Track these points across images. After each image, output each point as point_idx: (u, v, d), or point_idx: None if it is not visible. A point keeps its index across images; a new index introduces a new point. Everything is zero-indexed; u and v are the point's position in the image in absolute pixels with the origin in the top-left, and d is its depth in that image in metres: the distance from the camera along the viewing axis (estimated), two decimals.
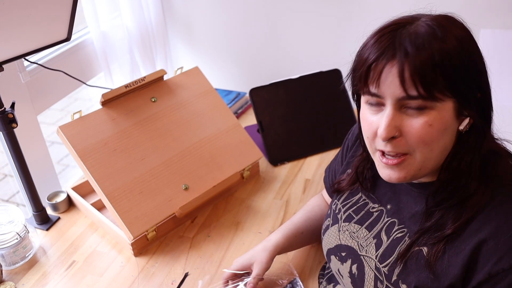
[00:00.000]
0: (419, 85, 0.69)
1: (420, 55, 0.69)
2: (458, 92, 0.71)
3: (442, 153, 0.76)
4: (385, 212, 0.88)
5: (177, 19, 2.05)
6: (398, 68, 0.70)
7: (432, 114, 0.72)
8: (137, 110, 1.36)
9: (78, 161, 1.24)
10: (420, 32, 0.70)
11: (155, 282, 1.16)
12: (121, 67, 1.82)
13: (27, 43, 1.17)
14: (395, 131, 0.73)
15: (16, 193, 2.61)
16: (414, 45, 0.69)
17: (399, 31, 0.72)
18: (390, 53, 0.71)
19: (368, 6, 1.74)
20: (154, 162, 1.31)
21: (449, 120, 0.73)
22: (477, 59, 0.74)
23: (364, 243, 0.88)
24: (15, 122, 1.21)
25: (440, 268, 0.75)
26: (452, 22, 0.74)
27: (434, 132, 0.72)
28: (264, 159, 1.57)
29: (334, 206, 0.99)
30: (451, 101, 0.72)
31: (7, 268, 1.21)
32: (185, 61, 2.14)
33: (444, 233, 0.75)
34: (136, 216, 1.22)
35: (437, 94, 0.70)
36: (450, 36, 0.71)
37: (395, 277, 0.80)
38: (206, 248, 1.25)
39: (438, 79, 0.69)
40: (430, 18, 0.73)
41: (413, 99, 0.71)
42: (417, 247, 0.78)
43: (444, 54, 0.69)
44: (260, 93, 1.60)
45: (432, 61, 0.69)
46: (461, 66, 0.70)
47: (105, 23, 1.71)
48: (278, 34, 1.93)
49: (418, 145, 0.73)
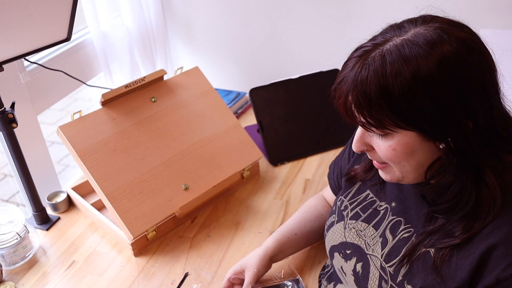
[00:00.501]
0: (362, 117, 0.72)
1: (361, 90, 0.70)
2: (415, 125, 0.70)
3: (421, 167, 0.76)
4: (390, 209, 0.87)
5: (177, 19, 2.05)
6: (343, 99, 0.74)
7: (395, 139, 0.73)
8: (137, 110, 1.36)
9: (78, 161, 1.24)
10: (371, 65, 0.70)
11: (155, 282, 1.16)
12: (121, 67, 1.82)
13: (27, 43, 1.17)
14: (363, 146, 0.78)
15: (16, 193, 2.61)
16: (359, 79, 0.71)
17: (363, 57, 0.72)
18: (343, 81, 0.73)
19: (368, 6, 1.74)
20: (154, 162, 1.31)
21: (415, 144, 0.72)
22: (461, 88, 0.68)
23: (371, 242, 0.88)
24: (15, 122, 1.21)
25: (447, 271, 0.74)
26: (427, 49, 0.68)
27: (399, 155, 0.74)
28: (264, 159, 1.57)
29: (339, 202, 0.99)
30: (414, 131, 0.71)
31: (7, 268, 1.21)
32: (185, 61, 2.15)
33: (453, 241, 0.74)
34: (136, 216, 1.22)
35: (389, 127, 0.71)
36: (409, 68, 0.68)
37: (400, 277, 0.80)
38: (206, 248, 1.25)
39: (385, 113, 0.70)
40: (395, 46, 0.70)
41: (367, 128, 0.74)
42: (424, 249, 0.78)
43: (387, 92, 0.69)
44: (260, 93, 1.60)
45: (375, 97, 0.69)
46: (418, 101, 0.68)
47: (105, 23, 1.71)
48: (278, 34, 1.93)
49: (389, 162, 0.77)
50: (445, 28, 0.71)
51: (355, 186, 0.98)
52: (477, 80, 0.70)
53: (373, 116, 0.71)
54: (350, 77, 0.72)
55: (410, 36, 0.71)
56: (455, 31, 0.71)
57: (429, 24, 0.72)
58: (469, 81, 0.69)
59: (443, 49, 0.68)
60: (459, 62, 0.69)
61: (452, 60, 0.68)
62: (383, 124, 0.71)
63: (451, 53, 0.68)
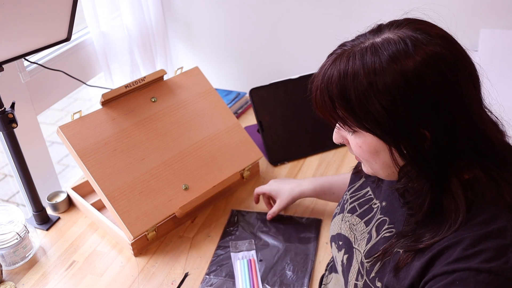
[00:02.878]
0: (329, 113, 0.75)
1: (326, 88, 0.73)
2: (370, 130, 0.72)
3: (388, 167, 0.77)
4: (380, 208, 0.89)
5: (177, 19, 2.05)
6: (313, 94, 0.76)
7: (361, 138, 0.75)
8: (137, 110, 1.36)
9: (78, 161, 1.24)
10: (338, 65, 0.72)
11: (155, 282, 1.16)
12: (121, 67, 1.82)
13: (27, 43, 1.17)
14: (341, 139, 0.81)
15: (16, 193, 2.61)
16: (326, 77, 0.73)
17: (337, 55, 0.73)
18: (316, 77, 0.76)
19: (368, 5, 1.74)
20: (154, 162, 1.31)
21: (377, 145, 0.74)
22: (417, 105, 0.67)
23: (360, 236, 0.89)
24: (15, 122, 1.21)
25: (404, 272, 0.75)
26: (389, 61, 0.67)
27: (366, 153, 0.76)
28: (264, 159, 1.57)
29: (345, 195, 1.01)
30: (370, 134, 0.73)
31: (7, 268, 1.21)
32: (185, 61, 2.15)
33: (418, 246, 0.74)
34: (136, 216, 1.22)
35: (352, 126, 0.74)
36: (366, 75, 0.68)
37: (373, 274, 0.82)
38: (206, 248, 1.25)
39: (346, 113, 0.72)
40: (361, 49, 0.70)
41: (334, 123, 0.78)
42: (397, 249, 0.79)
43: (345, 93, 0.70)
44: (260, 93, 1.60)
45: (335, 97, 0.72)
46: (372, 107, 0.69)
47: (105, 23, 1.71)
48: (278, 34, 1.93)
49: (359, 158, 0.80)
50: (415, 39, 0.68)
51: (359, 182, 0.99)
52: (437, 100, 0.67)
53: (338, 115, 0.74)
54: (321, 74, 0.75)
55: (379, 41, 0.70)
56: (428, 43, 0.68)
57: (402, 29, 0.71)
58: (426, 100, 0.67)
59: (404, 64, 0.67)
60: (419, 80, 0.67)
61: (412, 77, 0.67)
62: (347, 123, 0.74)
63: (412, 70, 0.67)
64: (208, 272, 1.17)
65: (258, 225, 1.30)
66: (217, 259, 1.20)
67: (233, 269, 1.15)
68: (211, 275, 1.16)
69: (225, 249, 1.23)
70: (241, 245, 1.20)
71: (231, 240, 1.25)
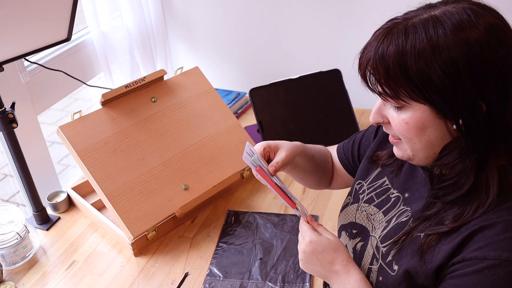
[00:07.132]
0: (380, 86, 0.73)
1: (381, 58, 0.72)
2: (428, 99, 0.71)
3: (431, 147, 0.76)
4: (402, 199, 0.89)
5: (177, 19, 2.05)
6: (363, 66, 0.75)
7: (409, 113, 0.74)
8: (137, 110, 1.37)
9: (78, 161, 1.24)
10: (394, 36, 0.72)
11: (155, 282, 1.16)
12: (121, 67, 1.82)
13: (27, 43, 1.17)
14: (380, 118, 0.79)
15: (16, 193, 2.61)
16: (380, 48, 0.72)
17: (389, 28, 0.73)
18: (367, 49, 0.75)
19: (369, 6, 1.74)
20: (154, 162, 1.31)
21: (427, 120, 0.73)
22: (479, 73, 0.69)
23: (378, 225, 0.90)
24: (15, 122, 1.21)
25: (430, 255, 0.76)
26: (453, 30, 0.69)
27: (411, 130, 0.75)
28: None
29: (358, 186, 1.01)
30: (426, 105, 0.72)
31: (7, 268, 1.21)
32: (185, 61, 2.15)
33: (441, 229, 0.75)
34: (136, 216, 1.22)
35: (404, 98, 0.72)
36: (429, 44, 0.69)
37: (390, 258, 0.82)
38: (206, 248, 1.25)
39: (401, 83, 0.71)
40: (421, 20, 0.71)
41: (383, 97, 0.74)
42: (417, 233, 0.80)
43: (404, 61, 0.70)
44: (260, 93, 1.60)
45: (392, 66, 0.71)
46: (433, 74, 0.69)
47: (105, 23, 1.71)
48: (278, 34, 1.93)
49: (401, 137, 0.77)
50: (475, 10, 0.71)
51: (374, 172, 0.99)
52: (498, 70, 0.70)
53: (390, 86, 0.72)
54: (373, 46, 0.74)
55: (438, 13, 0.72)
56: (485, 15, 0.71)
57: (459, 3, 0.73)
58: (488, 69, 0.69)
59: (468, 34, 0.69)
60: (482, 50, 0.69)
61: (475, 47, 0.69)
62: (398, 95, 0.72)
63: (476, 39, 0.69)
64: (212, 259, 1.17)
65: (257, 224, 1.30)
66: (217, 257, 1.20)
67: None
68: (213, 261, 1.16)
69: (225, 244, 1.23)
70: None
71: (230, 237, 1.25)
